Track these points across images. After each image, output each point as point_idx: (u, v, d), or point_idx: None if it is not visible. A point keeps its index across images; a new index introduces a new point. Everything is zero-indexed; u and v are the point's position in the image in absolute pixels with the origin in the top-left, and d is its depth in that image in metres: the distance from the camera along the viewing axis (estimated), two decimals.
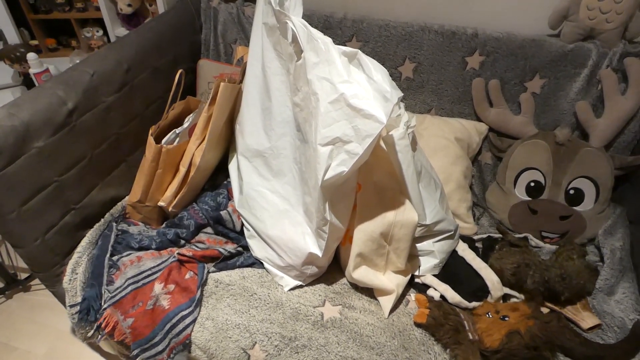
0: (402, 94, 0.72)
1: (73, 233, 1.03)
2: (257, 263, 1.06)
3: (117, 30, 1.71)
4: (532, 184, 1.18)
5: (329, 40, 0.77)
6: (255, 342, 0.91)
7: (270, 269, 1.02)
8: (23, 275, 1.53)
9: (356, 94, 0.71)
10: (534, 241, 1.15)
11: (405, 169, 0.87)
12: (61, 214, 0.99)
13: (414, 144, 0.92)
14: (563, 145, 1.14)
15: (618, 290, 1.01)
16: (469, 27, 1.21)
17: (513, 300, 0.99)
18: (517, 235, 1.15)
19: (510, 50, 1.19)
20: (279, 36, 0.88)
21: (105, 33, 1.80)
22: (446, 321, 0.90)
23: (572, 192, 1.14)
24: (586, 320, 0.95)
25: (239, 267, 1.05)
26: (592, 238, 1.15)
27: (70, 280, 0.98)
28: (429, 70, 1.27)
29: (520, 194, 1.20)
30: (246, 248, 1.08)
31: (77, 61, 1.08)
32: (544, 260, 1.03)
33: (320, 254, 0.90)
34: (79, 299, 0.97)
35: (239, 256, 1.06)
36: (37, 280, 1.50)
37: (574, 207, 1.14)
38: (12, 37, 1.72)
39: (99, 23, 1.81)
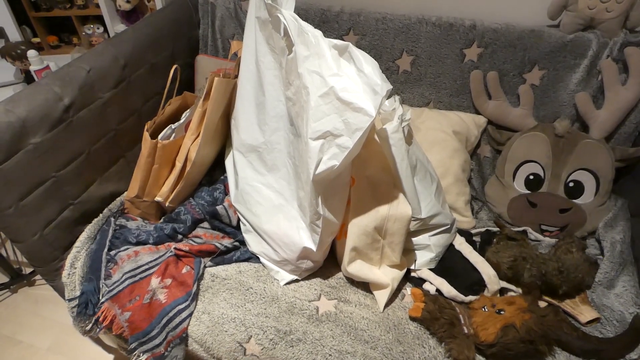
0: (392, 87, 0.72)
1: (72, 228, 1.04)
2: (253, 258, 1.06)
3: (117, 27, 1.72)
4: (531, 177, 1.16)
5: (319, 33, 0.76)
6: (251, 336, 0.91)
7: (266, 264, 1.03)
8: (27, 270, 1.55)
9: (345, 87, 0.71)
10: (534, 235, 1.15)
11: (399, 162, 0.86)
12: (59, 209, 1.00)
13: (409, 137, 0.92)
14: (562, 138, 1.13)
15: (618, 284, 1.00)
16: (466, 18, 1.20)
17: (510, 294, 0.99)
18: (516, 229, 1.14)
19: (508, 41, 1.17)
20: (271, 30, 0.88)
21: (106, 30, 1.81)
22: (441, 315, 0.89)
23: (571, 184, 1.13)
24: (585, 313, 0.94)
25: (236, 261, 1.05)
26: (592, 231, 1.14)
27: (69, 274, 1.00)
28: (427, 63, 1.26)
29: (520, 187, 1.18)
30: (243, 243, 1.09)
31: None
32: (542, 253, 1.02)
33: (314, 248, 0.91)
34: (78, 293, 0.98)
35: (236, 251, 1.07)
36: None
37: (574, 200, 1.13)
38: (14, 34, 1.74)
39: (100, 20, 1.83)
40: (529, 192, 1.17)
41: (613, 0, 1.06)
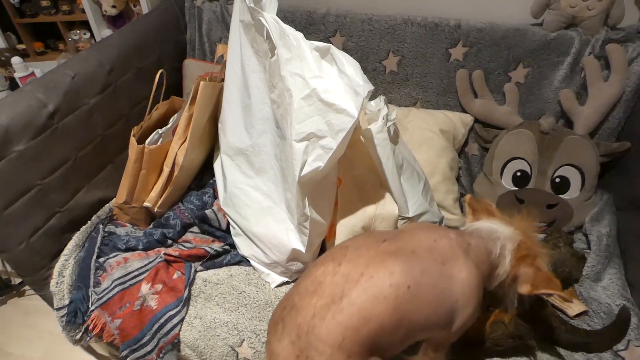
0: (373, 87, 0.72)
1: (59, 236, 1.03)
2: (244, 261, 1.06)
3: (103, 32, 1.71)
4: (519, 174, 1.18)
5: (300, 35, 0.77)
6: (244, 340, 0.91)
7: (256, 266, 1.03)
8: (16, 281, 1.53)
9: (327, 88, 0.71)
10: None
11: (385, 162, 0.87)
12: (46, 217, 0.99)
13: (395, 137, 0.92)
14: (548, 134, 1.14)
15: (605, 277, 1.01)
16: (451, 18, 1.21)
17: None
18: None
19: (493, 40, 1.18)
20: (255, 33, 0.88)
21: (93, 35, 1.79)
22: None
23: (557, 180, 1.14)
24: (573, 307, 0.95)
25: (226, 265, 1.05)
26: (579, 226, 1.15)
27: (57, 283, 0.99)
28: (413, 63, 1.27)
29: (507, 183, 1.19)
30: (233, 246, 1.09)
31: None
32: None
33: (303, 249, 0.91)
34: (66, 302, 0.97)
35: (226, 254, 1.07)
36: None
37: (560, 196, 1.14)
38: None
39: (86, 25, 1.81)
40: (516, 188, 1.18)
41: None
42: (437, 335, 0.68)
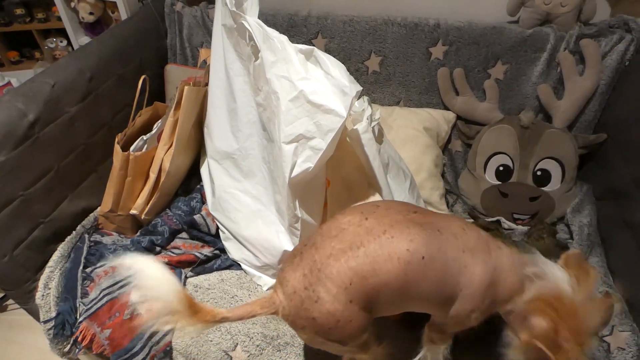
0: (361, 88, 0.73)
1: (44, 247, 1.01)
2: (234, 265, 1.06)
3: (81, 39, 1.68)
4: (501, 168, 1.20)
5: (284, 38, 0.77)
6: (237, 344, 0.91)
7: (247, 270, 1.03)
8: None
9: (315, 90, 0.72)
10: (507, 224, 1.18)
11: (371, 161, 0.88)
12: (29, 228, 0.97)
13: (379, 136, 0.94)
14: (528, 129, 1.17)
15: None
16: (431, 18, 1.23)
17: None
18: (489, 219, 1.18)
19: (472, 38, 1.21)
20: (238, 37, 0.88)
21: (70, 43, 1.76)
22: None
23: (539, 173, 1.17)
24: None
25: (217, 270, 1.05)
26: (561, 216, 1.19)
27: (43, 295, 0.97)
28: (395, 62, 1.29)
29: (491, 178, 1.22)
30: (223, 251, 1.08)
31: None
32: (515, 241, 1.05)
33: None
34: (53, 314, 0.95)
35: (216, 259, 1.06)
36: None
37: (542, 188, 1.17)
38: None
39: (63, 33, 1.78)
40: (499, 183, 1.21)
41: None
42: (435, 314, 0.71)
